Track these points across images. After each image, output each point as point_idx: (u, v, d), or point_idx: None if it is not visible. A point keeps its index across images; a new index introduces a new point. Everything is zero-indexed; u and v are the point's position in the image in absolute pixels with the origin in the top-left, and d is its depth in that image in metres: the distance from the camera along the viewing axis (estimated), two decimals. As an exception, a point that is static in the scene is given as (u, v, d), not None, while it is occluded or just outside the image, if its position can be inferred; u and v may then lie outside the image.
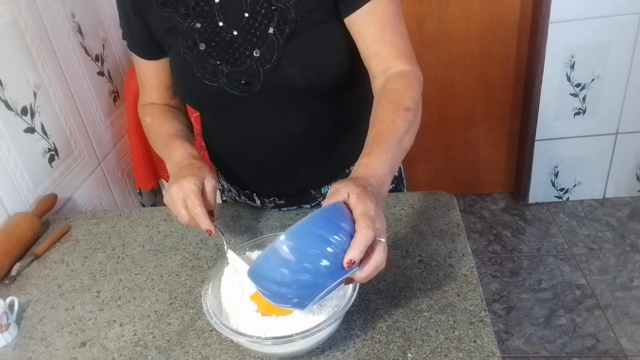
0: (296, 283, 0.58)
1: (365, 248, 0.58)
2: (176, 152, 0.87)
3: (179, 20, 0.86)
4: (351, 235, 0.59)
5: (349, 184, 0.64)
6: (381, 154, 0.69)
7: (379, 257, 0.60)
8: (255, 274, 0.61)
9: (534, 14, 2.09)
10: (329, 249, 0.58)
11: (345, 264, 0.58)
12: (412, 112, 0.75)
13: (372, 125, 0.76)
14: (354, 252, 0.58)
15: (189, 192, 0.77)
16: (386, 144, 0.71)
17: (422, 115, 0.79)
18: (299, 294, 0.59)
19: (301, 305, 0.60)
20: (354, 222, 0.60)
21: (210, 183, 0.82)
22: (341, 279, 0.59)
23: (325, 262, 0.58)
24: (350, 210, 0.61)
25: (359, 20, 0.81)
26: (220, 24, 0.85)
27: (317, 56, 0.85)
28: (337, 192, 0.63)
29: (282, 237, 0.59)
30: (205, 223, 0.77)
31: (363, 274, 0.60)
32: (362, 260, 0.60)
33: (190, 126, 1.02)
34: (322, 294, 0.59)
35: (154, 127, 0.96)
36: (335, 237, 0.58)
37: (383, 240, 0.61)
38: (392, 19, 0.81)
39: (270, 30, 0.83)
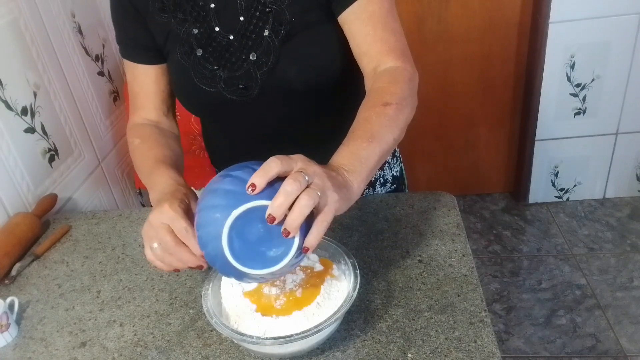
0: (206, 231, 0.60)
1: (270, 174, 0.56)
2: (161, 179, 0.77)
3: (176, 26, 0.86)
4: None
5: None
6: (343, 148, 0.67)
7: (287, 183, 0.55)
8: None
9: (534, 14, 2.09)
10: (229, 186, 0.59)
11: (246, 189, 0.56)
12: (392, 107, 0.72)
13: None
14: (254, 177, 0.56)
15: (173, 215, 0.65)
16: (352, 139, 0.69)
17: (421, 115, 0.78)
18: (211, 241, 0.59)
19: (228, 264, 0.59)
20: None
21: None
22: (246, 206, 0.57)
23: (222, 200, 0.58)
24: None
25: (350, 19, 0.81)
26: (217, 29, 0.85)
27: (313, 57, 0.84)
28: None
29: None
30: (198, 250, 0.64)
31: (274, 202, 0.55)
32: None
33: (180, 152, 0.93)
34: (228, 224, 0.57)
35: (141, 151, 0.88)
36: (241, 173, 0.59)
37: (306, 177, 0.57)
38: (384, 16, 0.80)
39: (266, 33, 0.83)
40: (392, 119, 0.72)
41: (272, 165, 0.57)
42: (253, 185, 0.56)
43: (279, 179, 0.58)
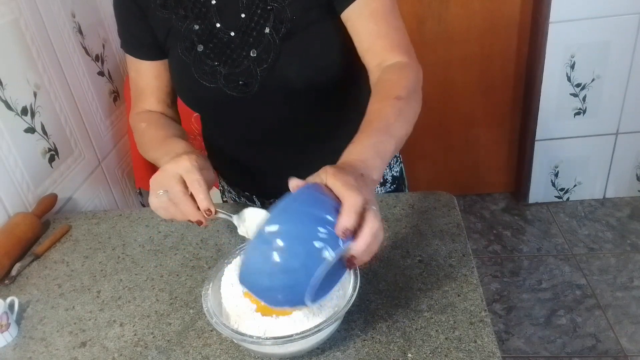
0: (289, 273, 0.54)
1: (358, 214, 0.54)
2: (176, 146, 0.79)
3: (177, 22, 0.86)
4: (337, 210, 0.55)
5: (324, 168, 0.60)
6: (364, 139, 0.67)
7: (373, 224, 0.55)
8: (245, 275, 0.58)
9: (534, 14, 2.09)
10: (320, 228, 0.54)
11: (339, 234, 0.53)
12: (403, 101, 0.73)
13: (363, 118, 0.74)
14: (346, 219, 0.53)
15: (189, 166, 0.67)
16: (371, 130, 0.69)
17: (422, 115, 0.77)
18: (297, 283, 0.55)
19: (300, 296, 0.55)
20: (336, 199, 0.56)
21: (210, 175, 0.73)
22: (337, 255, 0.54)
23: (318, 244, 0.53)
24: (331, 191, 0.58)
25: (353, 15, 0.81)
26: (218, 25, 0.85)
27: (313, 55, 0.85)
28: (313, 178, 0.60)
29: (267, 226, 0.55)
30: (204, 201, 0.66)
31: (360, 244, 0.55)
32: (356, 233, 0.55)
33: (186, 138, 0.93)
34: (317, 277, 0.54)
35: (150, 130, 0.89)
36: (324, 213, 0.54)
37: (374, 208, 0.56)
38: (387, 13, 0.81)
39: (267, 30, 0.83)
40: (404, 113, 0.72)
41: (359, 204, 0.55)
42: (347, 230, 0.54)
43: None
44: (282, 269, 0.54)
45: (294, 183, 0.60)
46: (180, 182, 0.67)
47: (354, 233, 0.55)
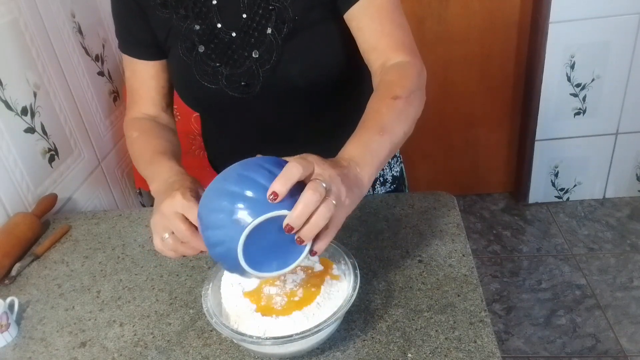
0: (218, 226, 0.57)
1: (290, 181, 0.54)
2: (162, 169, 0.77)
3: (177, 22, 0.86)
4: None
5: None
6: (355, 140, 0.67)
7: (308, 195, 0.54)
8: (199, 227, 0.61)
9: (534, 14, 2.09)
10: (248, 191, 0.56)
11: (268, 197, 0.55)
12: (400, 100, 0.72)
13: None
14: (275, 183, 0.54)
15: (187, 204, 0.64)
16: (364, 130, 0.68)
17: (422, 115, 0.77)
18: (224, 237, 0.57)
19: (235, 256, 0.57)
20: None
21: None
22: (263, 217, 0.56)
23: (241, 205, 0.56)
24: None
25: (357, 14, 0.81)
26: (219, 25, 0.85)
27: (316, 55, 0.84)
28: (287, 157, 0.60)
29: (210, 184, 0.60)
30: None
31: (294, 212, 0.55)
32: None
33: (179, 145, 0.93)
34: (245, 236, 0.56)
35: (139, 142, 0.88)
36: (261, 179, 0.56)
37: (323, 185, 0.56)
38: (391, 11, 0.80)
39: (269, 31, 0.83)
40: (402, 112, 0.72)
41: (294, 172, 0.55)
42: (275, 194, 0.54)
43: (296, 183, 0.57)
44: (213, 224, 0.58)
45: (258, 156, 0.62)
46: (184, 221, 0.64)
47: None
